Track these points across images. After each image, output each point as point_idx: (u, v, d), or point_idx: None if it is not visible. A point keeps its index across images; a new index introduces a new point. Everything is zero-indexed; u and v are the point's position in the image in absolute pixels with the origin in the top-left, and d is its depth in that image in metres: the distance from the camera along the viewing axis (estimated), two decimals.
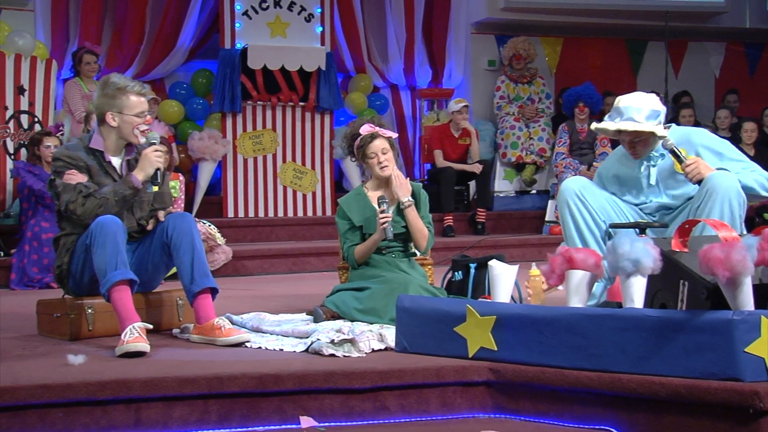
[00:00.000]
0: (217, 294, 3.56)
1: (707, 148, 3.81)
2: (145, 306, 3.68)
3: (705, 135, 3.90)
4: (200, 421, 2.76)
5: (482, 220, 7.84)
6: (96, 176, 3.59)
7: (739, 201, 3.59)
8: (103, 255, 3.31)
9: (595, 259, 2.94)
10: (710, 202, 3.58)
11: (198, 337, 3.46)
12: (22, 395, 2.65)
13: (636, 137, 3.80)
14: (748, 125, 8.07)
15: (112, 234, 3.34)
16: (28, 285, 5.74)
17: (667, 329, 2.60)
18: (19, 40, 6.78)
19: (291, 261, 6.69)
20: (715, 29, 9.90)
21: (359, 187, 4.12)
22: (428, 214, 4.06)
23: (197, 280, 3.46)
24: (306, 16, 7.99)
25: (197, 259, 3.48)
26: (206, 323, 3.43)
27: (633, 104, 3.77)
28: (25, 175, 5.95)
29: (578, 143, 7.96)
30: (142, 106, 3.59)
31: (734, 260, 2.51)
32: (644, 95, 3.84)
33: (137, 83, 3.62)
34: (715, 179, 3.61)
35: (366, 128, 4.00)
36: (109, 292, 3.29)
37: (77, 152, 3.59)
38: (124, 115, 3.57)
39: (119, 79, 3.60)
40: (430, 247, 4.04)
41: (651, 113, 3.75)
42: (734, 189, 3.58)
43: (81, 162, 3.57)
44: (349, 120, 8.52)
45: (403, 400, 2.88)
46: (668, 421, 2.59)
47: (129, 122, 3.58)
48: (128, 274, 3.32)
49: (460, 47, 9.24)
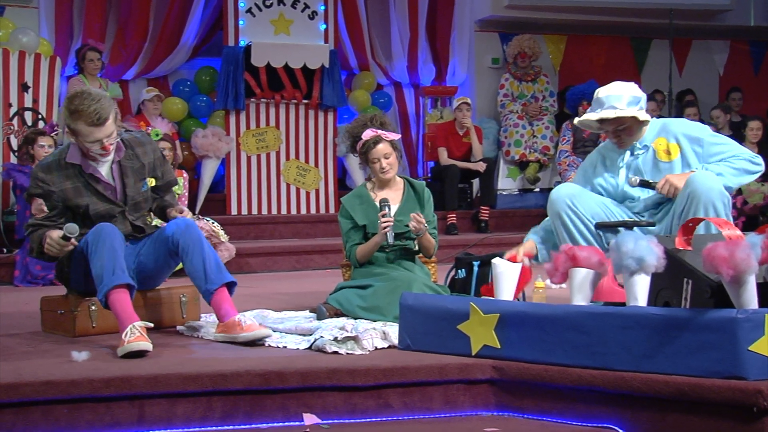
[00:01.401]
0: (235, 287, 3.47)
1: (685, 136, 3.79)
2: (148, 304, 3.68)
3: (682, 123, 3.89)
4: (204, 418, 2.76)
5: (485, 218, 7.85)
6: (74, 198, 3.47)
7: (723, 201, 3.54)
8: (100, 261, 3.28)
9: (598, 257, 2.94)
10: (693, 206, 3.54)
11: (222, 336, 3.38)
12: (27, 392, 2.65)
13: (619, 125, 3.78)
14: (754, 124, 8.00)
15: (109, 240, 3.30)
16: (31, 282, 5.75)
17: (670, 327, 2.60)
18: (23, 37, 6.78)
19: (294, 258, 6.70)
20: (720, 27, 9.88)
21: (362, 186, 4.11)
22: (433, 217, 4.04)
23: (211, 278, 3.38)
24: (309, 13, 7.99)
25: (208, 258, 3.39)
26: (228, 320, 3.35)
27: (613, 93, 3.78)
28: (16, 174, 5.94)
29: (582, 141, 7.95)
30: (96, 135, 3.34)
31: (738, 258, 2.51)
32: (623, 84, 3.84)
33: (94, 112, 3.30)
34: (695, 182, 3.56)
35: (368, 133, 3.99)
36: (107, 296, 3.25)
37: (51, 175, 3.47)
38: (78, 139, 3.40)
39: (80, 100, 3.32)
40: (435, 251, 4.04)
41: (632, 99, 3.76)
42: (716, 190, 3.54)
43: (53, 187, 3.46)
44: (353, 117, 8.56)
45: (406, 397, 2.88)
46: (672, 420, 2.59)
47: (84, 147, 3.42)
48: (125, 279, 3.27)
49: (463, 45, 9.24)
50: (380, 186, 4.04)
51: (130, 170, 3.59)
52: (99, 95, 3.38)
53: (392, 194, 3.99)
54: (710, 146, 3.76)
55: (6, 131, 6.59)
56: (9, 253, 6.04)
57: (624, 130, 3.79)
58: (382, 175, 3.97)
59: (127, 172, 3.59)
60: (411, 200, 4.02)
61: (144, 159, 3.64)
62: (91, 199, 3.52)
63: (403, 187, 4.07)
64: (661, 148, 3.81)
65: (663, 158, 3.78)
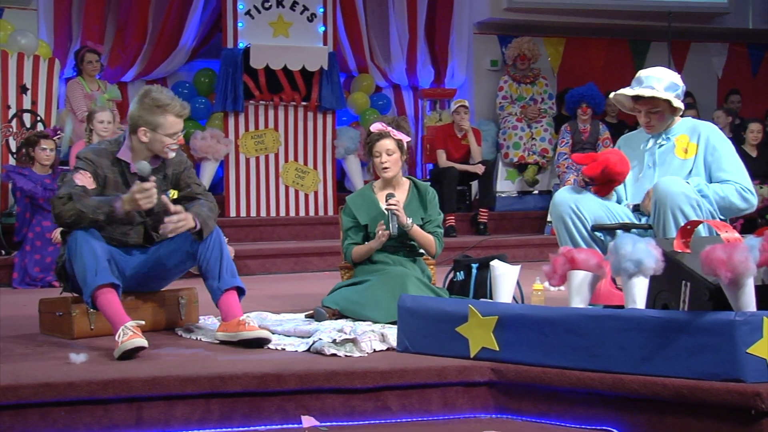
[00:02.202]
0: (244, 295, 3.51)
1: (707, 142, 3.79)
2: (147, 305, 3.68)
3: (711, 129, 3.88)
4: (202, 420, 2.76)
5: (484, 220, 7.85)
6: (110, 189, 3.49)
7: (691, 204, 3.51)
8: (82, 264, 3.28)
9: (597, 259, 2.94)
10: (662, 214, 3.54)
11: (223, 335, 3.39)
12: (25, 394, 2.65)
13: (653, 107, 3.79)
14: (754, 126, 8.01)
15: (87, 243, 3.29)
16: (30, 284, 5.74)
17: (669, 330, 2.60)
18: (21, 39, 6.78)
19: (293, 261, 6.69)
20: (718, 30, 9.89)
21: (367, 186, 4.13)
22: (437, 215, 4.04)
23: (225, 279, 3.42)
24: (308, 15, 7.99)
25: (226, 260, 3.45)
26: (232, 320, 3.38)
27: (654, 74, 3.81)
28: (15, 177, 5.93)
29: (580, 143, 7.96)
30: (177, 127, 3.48)
31: (736, 261, 2.51)
32: (666, 69, 3.87)
33: (178, 102, 3.47)
34: (658, 190, 3.56)
35: (377, 126, 4.01)
36: (93, 298, 3.25)
37: (102, 159, 3.51)
38: (157, 133, 3.46)
39: (160, 94, 3.46)
40: (440, 250, 4.03)
41: (671, 84, 3.78)
42: (679, 194, 3.51)
43: (101, 171, 3.49)
44: (352, 120, 8.57)
45: (404, 400, 2.88)
46: (670, 422, 2.59)
47: (160, 141, 3.47)
48: (109, 278, 3.27)
49: (462, 47, 9.24)
50: (385, 186, 4.05)
51: (156, 180, 3.59)
52: (164, 89, 3.54)
53: (398, 195, 4.00)
54: (719, 160, 3.76)
55: (5, 133, 6.58)
56: (7, 255, 6.04)
57: (656, 113, 3.80)
58: (382, 172, 3.98)
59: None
60: (415, 200, 4.04)
61: (167, 170, 3.65)
62: None
63: (409, 188, 4.08)
64: (681, 145, 3.82)
65: (679, 155, 3.79)
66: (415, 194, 4.06)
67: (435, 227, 3.99)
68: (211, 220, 3.50)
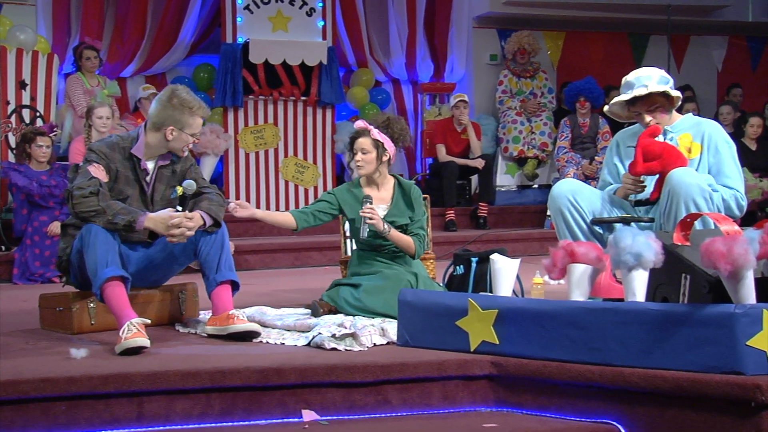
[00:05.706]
0: (238, 290, 3.55)
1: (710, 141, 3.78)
2: (147, 300, 3.68)
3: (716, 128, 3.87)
4: (203, 414, 2.76)
5: (484, 214, 7.85)
6: (121, 184, 3.53)
7: (704, 196, 3.51)
8: (94, 255, 3.30)
9: (596, 252, 2.94)
10: (674, 204, 3.53)
11: (212, 328, 3.43)
12: (25, 389, 2.65)
13: (651, 105, 3.79)
14: (754, 120, 8.00)
15: (102, 235, 3.32)
16: (30, 279, 5.74)
17: (669, 323, 2.61)
18: (20, 34, 6.78)
19: (293, 255, 6.70)
20: (718, 23, 9.88)
21: (354, 182, 4.09)
22: (422, 215, 3.99)
23: (222, 271, 3.48)
24: (307, 10, 7.98)
25: (226, 254, 3.52)
26: (222, 314, 3.42)
27: (642, 74, 3.83)
28: (11, 173, 5.92)
29: (580, 137, 7.96)
30: (200, 127, 3.60)
31: (736, 254, 2.51)
32: (651, 67, 3.89)
33: (203, 104, 3.57)
34: (673, 179, 3.55)
35: (359, 123, 4.03)
36: (102, 290, 3.27)
37: (115, 153, 3.53)
38: (183, 132, 3.52)
39: (188, 95, 3.53)
40: (422, 251, 3.95)
41: (661, 79, 3.81)
42: (695, 186, 3.51)
43: (113, 165, 3.51)
44: (351, 115, 8.57)
45: (405, 393, 2.88)
46: (670, 415, 2.59)
47: (184, 140, 3.55)
48: (119, 271, 3.29)
49: (462, 41, 9.23)
50: (369, 182, 4.03)
51: (165, 177, 3.64)
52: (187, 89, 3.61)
53: (383, 193, 3.98)
54: (721, 164, 3.75)
55: (4, 129, 6.58)
56: (8, 251, 6.04)
57: (656, 110, 3.80)
58: (355, 168, 3.99)
59: (162, 178, 3.63)
60: (400, 200, 3.99)
61: (176, 167, 3.68)
62: (133, 192, 3.56)
63: (394, 186, 4.04)
64: (684, 144, 3.81)
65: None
66: (400, 193, 4.02)
67: (419, 228, 3.92)
68: (221, 212, 3.59)
